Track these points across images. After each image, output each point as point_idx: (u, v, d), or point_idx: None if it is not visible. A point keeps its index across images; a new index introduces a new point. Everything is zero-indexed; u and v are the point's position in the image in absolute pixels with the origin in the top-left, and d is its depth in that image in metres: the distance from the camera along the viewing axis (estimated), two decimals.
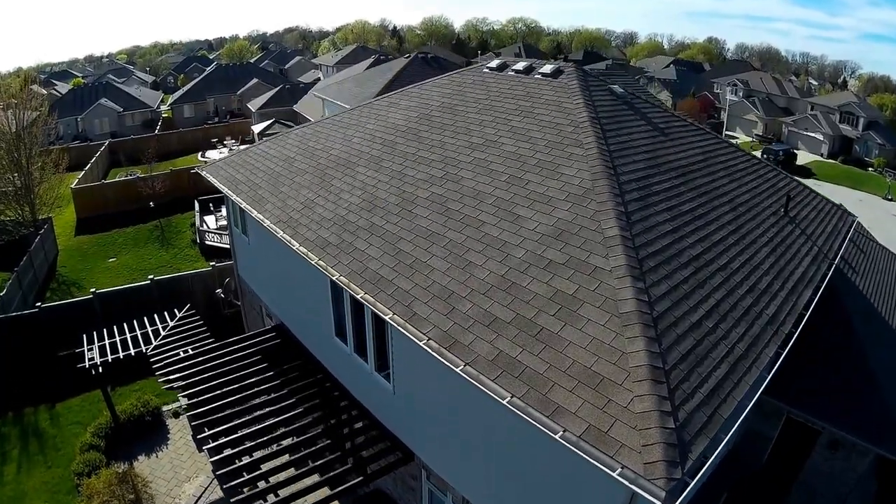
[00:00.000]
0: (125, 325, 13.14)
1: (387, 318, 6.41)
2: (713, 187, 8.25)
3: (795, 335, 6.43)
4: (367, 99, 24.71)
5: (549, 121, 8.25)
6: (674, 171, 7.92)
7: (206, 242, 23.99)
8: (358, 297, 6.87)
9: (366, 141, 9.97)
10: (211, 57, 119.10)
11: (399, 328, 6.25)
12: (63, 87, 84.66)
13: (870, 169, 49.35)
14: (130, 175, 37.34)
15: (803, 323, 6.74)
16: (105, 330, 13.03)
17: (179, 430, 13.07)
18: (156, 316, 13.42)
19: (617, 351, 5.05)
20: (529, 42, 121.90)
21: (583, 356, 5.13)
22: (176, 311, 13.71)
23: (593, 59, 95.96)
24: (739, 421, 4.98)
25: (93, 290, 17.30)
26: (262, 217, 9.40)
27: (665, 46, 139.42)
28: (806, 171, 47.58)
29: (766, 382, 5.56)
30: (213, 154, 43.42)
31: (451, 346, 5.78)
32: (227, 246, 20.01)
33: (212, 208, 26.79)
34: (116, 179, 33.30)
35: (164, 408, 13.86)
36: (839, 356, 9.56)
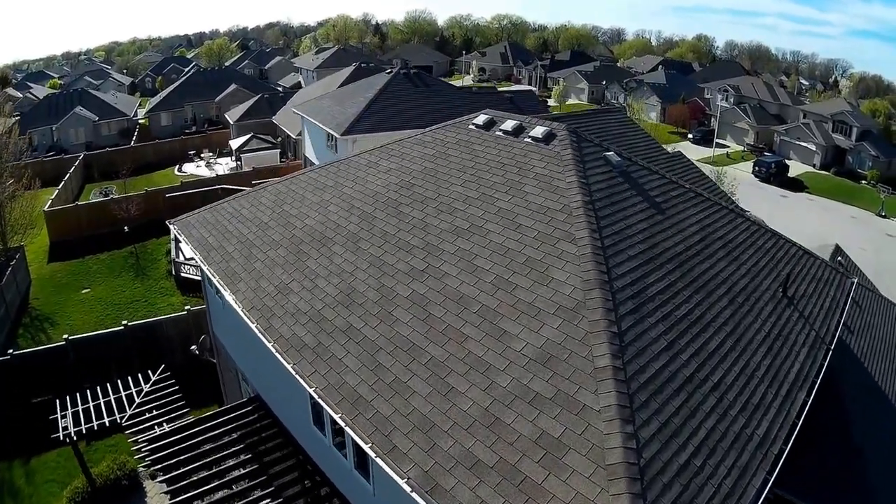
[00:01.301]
0: (98, 389, 12.53)
1: (366, 447, 5.96)
2: (711, 275, 7.83)
3: (785, 453, 6.13)
4: (348, 120, 23.95)
5: (540, 204, 7.75)
6: (671, 263, 7.49)
7: (182, 275, 23.23)
8: (336, 417, 6.38)
9: (343, 211, 9.41)
10: (189, 56, 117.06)
11: (378, 460, 5.80)
12: (39, 90, 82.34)
13: (863, 182, 49.20)
14: (105, 191, 36.37)
15: (795, 434, 6.43)
16: (78, 394, 12.48)
17: (157, 493, 12.53)
18: (130, 379, 12.84)
19: None
20: (515, 40, 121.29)
21: None
22: (150, 372, 13.15)
23: (581, 59, 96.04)
24: None
25: (65, 336, 16.80)
26: (234, 299, 8.91)
27: (653, 43, 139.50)
28: (799, 184, 47.44)
29: None
30: (189, 168, 42.27)
31: (432, 490, 5.37)
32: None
33: None
34: (90, 201, 32.20)
35: (141, 468, 13.27)
36: (832, 438, 9.26)
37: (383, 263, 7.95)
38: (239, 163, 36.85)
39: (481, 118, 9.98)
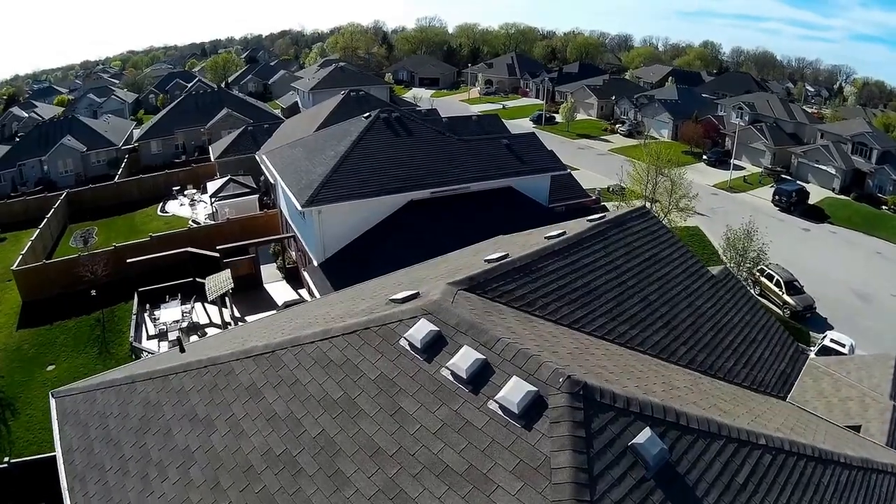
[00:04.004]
0: None
1: None
2: None
3: None
4: (313, 184, 20.92)
5: None
6: None
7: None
8: None
9: (206, 487, 6.41)
10: (196, 70, 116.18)
11: None
12: (45, 108, 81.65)
13: (884, 207, 46.01)
14: (85, 235, 34.75)
15: None
16: None
17: None
18: None
19: None
20: (523, 49, 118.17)
21: None
22: None
23: (591, 72, 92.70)
24: None
25: (6, 459, 16.13)
26: None
27: (660, 49, 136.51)
28: (820, 213, 44.19)
29: None
30: (173, 206, 40.02)
31: None
32: None
33: (148, 308, 23.88)
34: (61, 258, 30.23)
35: None
36: None
37: None
38: (215, 210, 34.68)
39: (421, 331, 5.97)
